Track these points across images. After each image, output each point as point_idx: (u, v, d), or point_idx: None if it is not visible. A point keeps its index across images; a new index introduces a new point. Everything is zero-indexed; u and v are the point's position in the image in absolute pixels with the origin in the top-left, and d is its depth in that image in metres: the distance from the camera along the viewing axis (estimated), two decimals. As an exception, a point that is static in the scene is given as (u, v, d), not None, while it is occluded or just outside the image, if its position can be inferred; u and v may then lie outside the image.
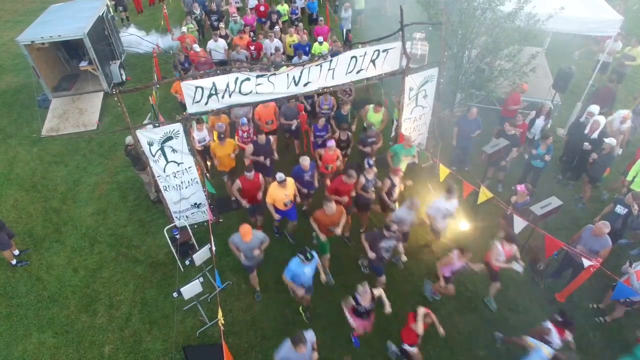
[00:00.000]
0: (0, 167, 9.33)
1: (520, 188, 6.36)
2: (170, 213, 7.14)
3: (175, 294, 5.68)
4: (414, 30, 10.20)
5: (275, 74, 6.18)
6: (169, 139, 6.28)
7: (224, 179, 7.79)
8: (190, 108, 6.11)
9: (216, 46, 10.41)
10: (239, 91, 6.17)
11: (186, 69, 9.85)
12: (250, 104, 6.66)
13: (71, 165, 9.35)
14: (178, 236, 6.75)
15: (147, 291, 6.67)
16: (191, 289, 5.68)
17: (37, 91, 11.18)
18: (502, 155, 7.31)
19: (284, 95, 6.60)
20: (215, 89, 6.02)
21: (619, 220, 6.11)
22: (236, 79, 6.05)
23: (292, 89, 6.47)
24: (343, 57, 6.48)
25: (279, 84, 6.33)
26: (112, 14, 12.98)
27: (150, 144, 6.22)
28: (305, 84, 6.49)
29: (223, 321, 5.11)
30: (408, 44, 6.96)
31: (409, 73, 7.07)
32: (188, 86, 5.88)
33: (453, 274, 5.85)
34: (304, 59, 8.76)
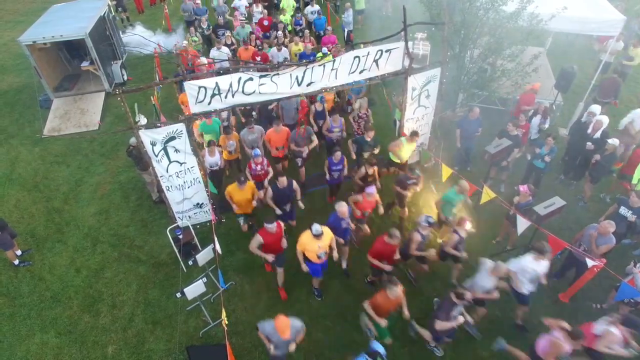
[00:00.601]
0: (2, 167, 9.33)
1: (523, 189, 6.35)
2: (173, 213, 7.14)
3: (178, 294, 5.67)
4: (415, 31, 10.20)
5: (278, 74, 6.18)
6: (172, 139, 6.27)
7: (240, 222, 7.20)
8: (194, 108, 6.11)
9: (219, 54, 10.08)
10: (242, 91, 6.16)
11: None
12: (253, 104, 6.66)
13: (73, 165, 9.35)
14: (181, 236, 6.74)
15: (150, 291, 6.67)
16: (194, 290, 5.67)
17: (39, 91, 11.17)
18: (504, 155, 7.31)
19: (287, 95, 6.59)
20: (219, 89, 6.01)
21: (623, 223, 6.09)
22: (239, 79, 6.05)
23: (295, 89, 6.46)
24: (346, 57, 6.47)
25: (282, 84, 6.32)
26: (113, 14, 12.98)
27: (153, 144, 6.22)
28: (308, 84, 6.48)
29: (227, 321, 5.10)
30: (410, 44, 6.96)
31: (412, 73, 7.07)
32: (191, 86, 5.88)
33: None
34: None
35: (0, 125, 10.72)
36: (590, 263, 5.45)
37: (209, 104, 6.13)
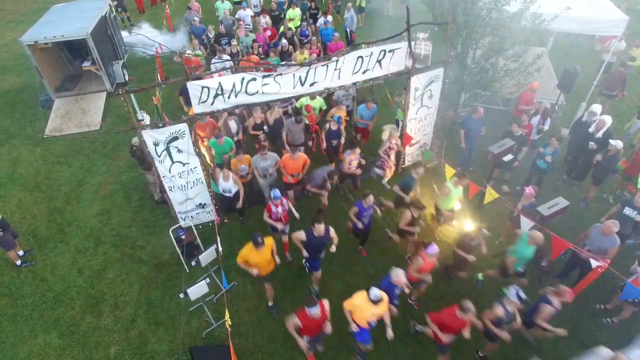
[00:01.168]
0: (3, 168, 9.32)
1: (529, 190, 6.33)
2: (175, 213, 7.12)
3: (181, 295, 5.67)
4: (417, 30, 10.19)
5: (281, 74, 6.17)
6: (175, 139, 6.26)
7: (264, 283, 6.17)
8: (197, 108, 6.10)
9: (221, 64, 9.41)
10: (245, 91, 6.16)
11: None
12: (255, 104, 6.64)
13: (75, 165, 9.33)
14: (183, 237, 6.73)
15: (152, 292, 6.65)
16: (198, 290, 5.66)
17: (40, 91, 11.16)
18: (509, 155, 7.27)
19: (290, 96, 6.58)
20: (222, 89, 6.00)
21: (628, 223, 6.07)
22: (242, 79, 6.05)
23: (299, 89, 6.46)
24: (349, 57, 6.47)
25: (285, 84, 6.32)
26: (114, 14, 12.96)
27: (155, 144, 6.20)
28: (311, 84, 6.47)
29: (230, 322, 5.09)
30: (412, 44, 6.95)
31: (415, 73, 7.06)
32: (194, 86, 5.87)
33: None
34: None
35: (1, 125, 10.70)
36: (594, 264, 5.45)
37: (212, 104, 6.13)
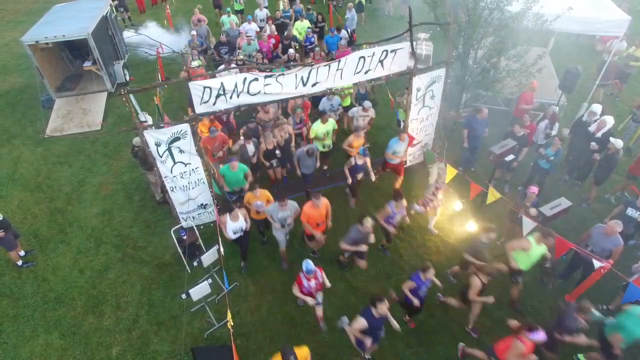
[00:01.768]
0: (4, 168, 9.31)
1: (533, 189, 6.33)
2: (177, 214, 7.11)
3: (183, 296, 5.66)
4: (418, 31, 10.17)
5: (283, 75, 6.16)
6: (177, 139, 6.25)
7: None
8: (199, 108, 6.09)
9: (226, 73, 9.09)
10: (247, 91, 6.15)
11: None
12: (257, 104, 6.63)
13: (76, 165, 9.32)
14: (185, 237, 6.72)
15: (154, 292, 6.64)
16: (200, 291, 5.65)
17: (41, 91, 11.16)
18: (510, 155, 7.28)
19: (292, 96, 6.57)
20: (224, 89, 6.00)
21: (631, 224, 6.07)
22: (244, 79, 6.04)
23: (301, 89, 6.45)
24: (351, 58, 6.46)
25: (287, 84, 6.31)
26: (115, 14, 12.94)
27: (157, 145, 6.19)
28: (313, 84, 6.47)
29: (232, 323, 5.08)
30: (413, 44, 6.94)
31: (417, 73, 7.05)
32: (196, 86, 5.86)
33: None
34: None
35: (2, 125, 10.69)
36: (597, 264, 5.44)
37: (214, 104, 6.12)
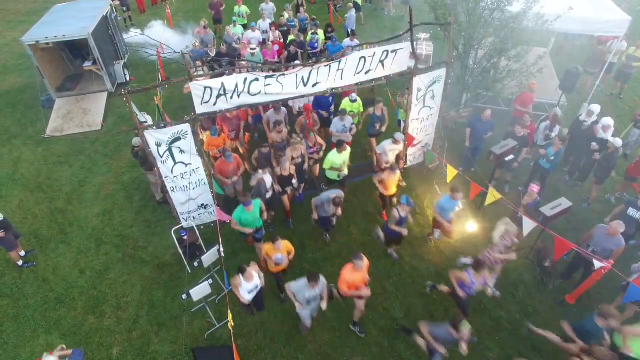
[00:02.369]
0: (5, 168, 9.30)
1: (533, 187, 6.32)
2: (177, 214, 7.11)
3: (184, 296, 5.66)
4: (418, 31, 10.16)
5: (284, 75, 6.16)
6: (177, 139, 6.25)
7: None
8: (199, 108, 6.09)
9: None
10: (248, 91, 6.15)
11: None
12: (258, 104, 6.62)
13: (76, 165, 9.32)
14: (186, 237, 6.72)
15: (155, 293, 6.64)
16: (200, 291, 5.65)
17: (41, 91, 11.16)
18: (510, 155, 7.27)
19: (292, 96, 6.56)
20: (224, 90, 5.99)
21: (632, 224, 6.07)
22: (245, 79, 6.03)
23: (301, 90, 6.45)
24: (352, 58, 6.45)
25: (288, 85, 6.31)
26: (116, 13, 12.93)
27: (158, 145, 6.19)
28: (314, 85, 6.46)
29: (233, 323, 5.08)
30: (414, 44, 6.93)
31: (417, 74, 7.05)
32: (197, 87, 5.86)
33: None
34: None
35: (2, 125, 10.69)
36: (597, 265, 5.43)
37: (215, 104, 6.11)
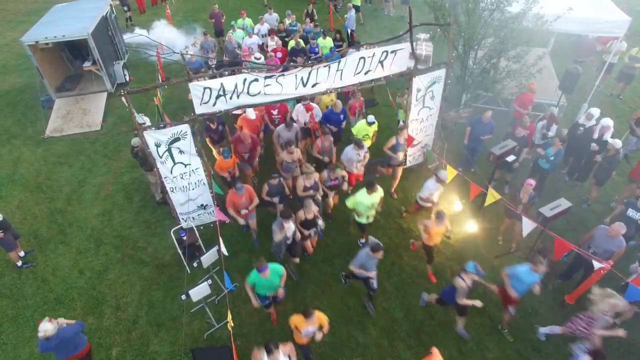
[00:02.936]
0: (4, 168, 9.30)
1: (530, 181, 6.35)
2: (177, 214, 7.11)
3: (183, 297, 5.66)
4: (418, 31, 10.16)
5: (283, 75, 6.15)
6: (177, 140, 6.25)
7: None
8: (198, 109, 6.08)
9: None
10: (247, 92, 6.14)
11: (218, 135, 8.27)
12: (258, 105, 6.60)
13: (76, 166, 9.32)
14: (185, 238, 6.72)
15: (154, 293, 6.64)
16: (200, 291, 5.65)
17: (41, 91, 11.16)
18: (511, 156, 7.27)
19: (292, 96, 6.56)
20: (224, 90, 5.99)
21: (632, 225, 6.06)
22: (244, 79, 6.03)
23: (301, 90, 6.44)
24: (351, 58, 6.45)
25: (287, 85, 6.30)
26: (115, 14, 12.92)
27: (157, 145, 6.19)
28: (313, 85, 6.46)
29: (232, 323, 5.08)
30: (414, 44, 6.93)
31: (417, 74, 7.04)
32: (196, 87, 5.85)
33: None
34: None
35: (2, 125, 10.69)
36: (597, 265, 5.43)
37: (214, 104, 6.11)
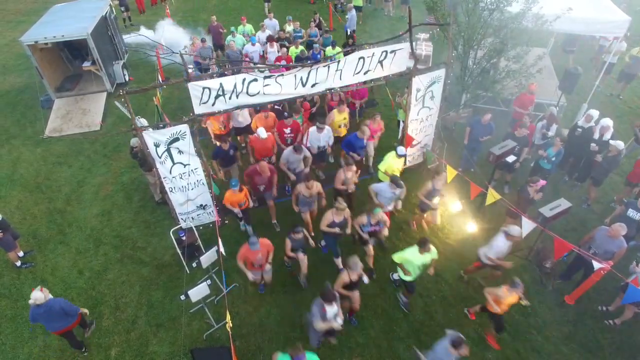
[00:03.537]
0: (4, 168, 9.29)
1: (542, 182, 6.50)
2: (176, 214, 7.10)
3: (182, 297, 5.64)
4: (418, 31, 10.15)
5: (283, 75, 6.14)
6: (176, 140, 6.23)
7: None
8: (198, 109, 6.07)
9: (242, 114, 8.26)
10: (247, 92, 6.13)
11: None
12: (258, 105, 6.60)
13: (75, 166, 9.31)
14: (184, 238, 6.71)
15: (153, 293, 6.62)
16: (199, 292, 5.64)
17: (40, 91, 11.15)
18: (511, 156, 7.26)
19: (291, 96, 6.54)
20: (223, 90, 5.98)
21: (633, 225, 6.06)
22: (243, 79, 6.02)
23: (300, 90, 6.43)
24: (351, 58, 6.44)
25: (287, 85, 6.29)
26: (114, 14, 12.92)
27: (156, 145, 6.17)
28: (312, 85, 6.45)
29: (231, 324, 5.07)
30: (413, 44, 6.92)
31: (416, 74, 7.03)
32: (195, 87, 5.84)
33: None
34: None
35: (2, 125, 10.68)
36: (596, 265, 5.42)
37: (213, 104, 6.10)
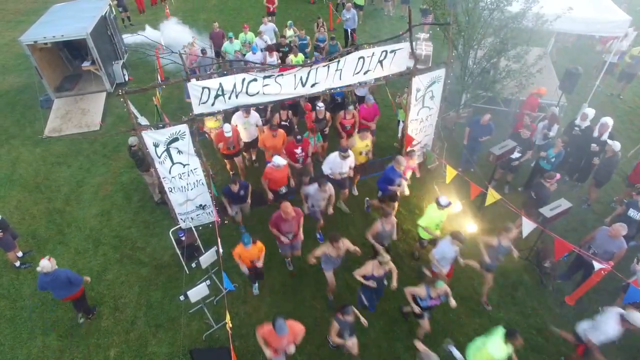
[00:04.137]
0: (3, 168, 9.27)
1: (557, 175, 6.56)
2: (176, 215, 7.08)
3: (181, 297, 5.63)
4: (418, 31, 10.14)
5: (282, 75, 6.13)
6: (175, 140, 6.22)
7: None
8: (197, 109, 6.06)
9: (246, 122, 7.95)
10: (246, 92, 6.11)
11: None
12: (257, 105, 6.58)
13: (74, 166, 9.29)
14: (184, 238, 6.69)
15: (153, 294, 6.61)
16: (198, 292, 5.62)
17: (40, 91, 11.13)
18: (515, 154, 7.25)
19: (291, 96, 6.53)
20: (222, 90, 5.96)
21: (633, 225, 6.05)
22: (243, 79, 6.00)
23: (300, 90, 6.41)
24: (351, 58, 6.42)
25: (286, 85, 6.27)
26: (114, 14, 12.91)
27: (156, 145, 6.16)
28: (312, 85, 6.43)
29: (231, 324, 5.06)
30: (413, 44, 6.90)
31: (416, 74, 7.02)
32: (195, 87, 5.83)
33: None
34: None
35: (1, 125, 10.66)
36: (597, 266, 5.41)
37: (213, 104, 6.08)
